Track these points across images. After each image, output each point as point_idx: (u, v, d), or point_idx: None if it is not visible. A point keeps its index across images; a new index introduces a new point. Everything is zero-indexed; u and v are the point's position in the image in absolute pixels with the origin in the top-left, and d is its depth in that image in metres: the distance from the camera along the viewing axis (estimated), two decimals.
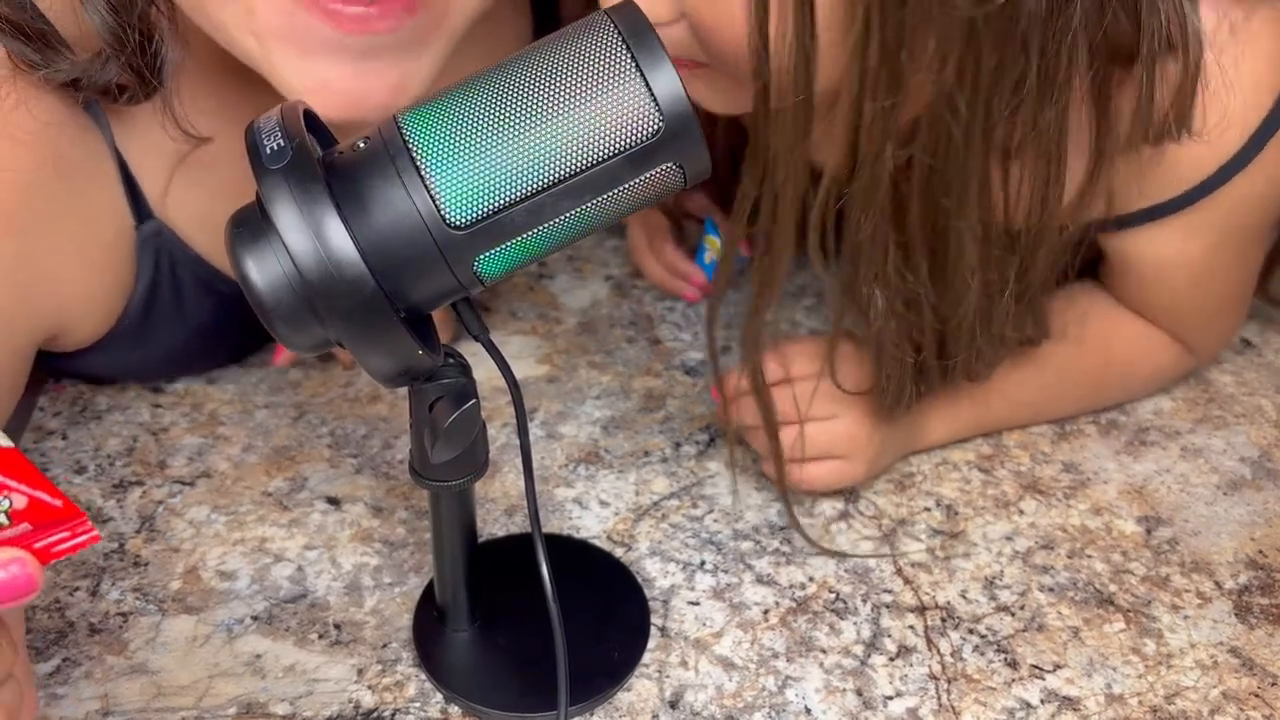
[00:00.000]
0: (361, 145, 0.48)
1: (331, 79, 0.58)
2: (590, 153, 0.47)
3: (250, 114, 0.70)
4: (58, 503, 0.42)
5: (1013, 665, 0.66)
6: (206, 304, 0.75)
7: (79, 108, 0.66)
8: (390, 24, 0.57)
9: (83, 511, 0.42)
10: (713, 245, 0.92)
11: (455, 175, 0.47)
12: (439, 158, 0.47)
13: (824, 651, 0.66)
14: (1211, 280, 0.76)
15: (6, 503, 0.41)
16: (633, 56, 0.46)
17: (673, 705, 0.63)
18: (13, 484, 0.41)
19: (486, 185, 0.47)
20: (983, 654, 0.66)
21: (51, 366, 0.79)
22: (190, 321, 0.75)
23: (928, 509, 0.75)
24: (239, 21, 0.59)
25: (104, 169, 0.68)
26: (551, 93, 0.47)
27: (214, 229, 0.72)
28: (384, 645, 0.66)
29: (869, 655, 0.66)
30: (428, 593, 0.68)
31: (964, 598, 0.70)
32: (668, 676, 0.65)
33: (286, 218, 0.46)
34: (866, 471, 0.74)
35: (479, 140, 0.47)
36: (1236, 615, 0.69)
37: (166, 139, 0.67)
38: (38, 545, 0.42)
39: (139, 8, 0.60)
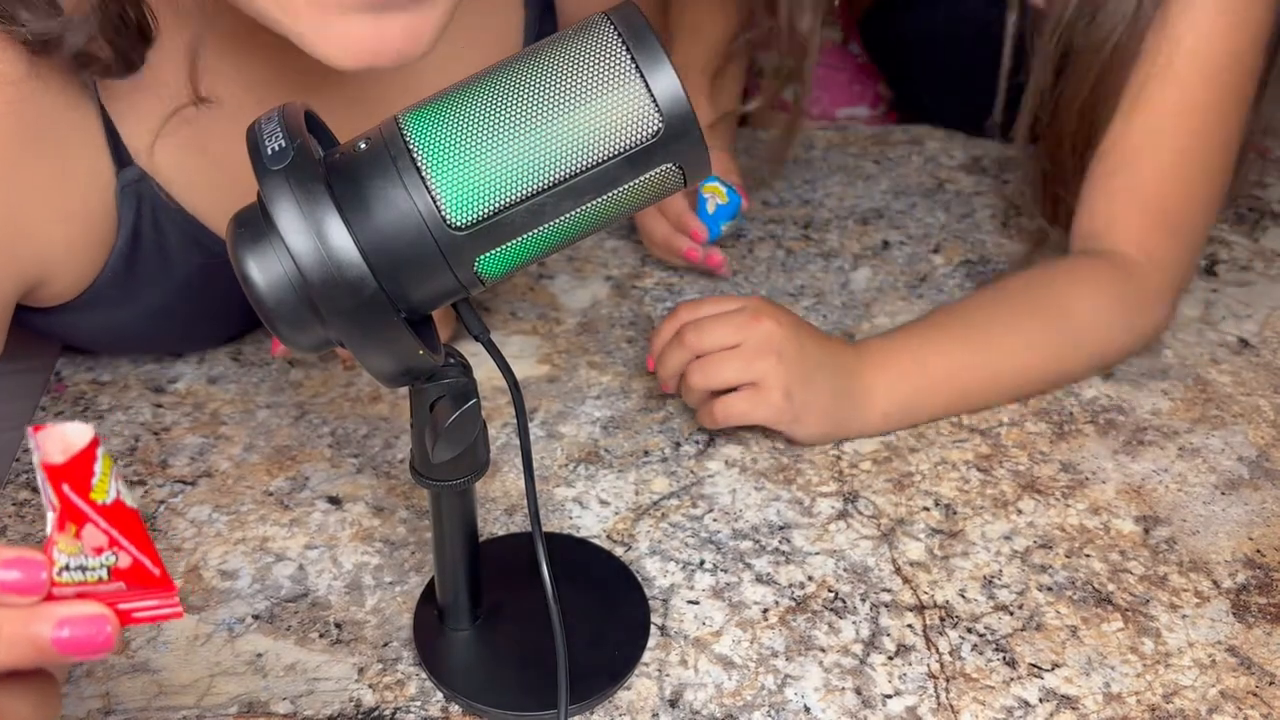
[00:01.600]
0: (362, 146, 0.49)
1: (350, 34, 0.58)
2: (590, 154, 0.47)
3: (264, 78, 0.70)
4: (156, 571, 0.43)
5: (1011, 664, 0.66)
6: (192, 258, 0.74)
7: None
8: None
9: (175, 585, 0.43)
10: (715, 191, 0.91)
11: (456, 176, 0.47)
12: (440, 158, 0.47)
13: (823, 650, 0.66)
14: (1218, 77, 0.80)
15: (113, 559, 0.42)
16: (632, 57, 0.47)
17: (672, 704, 0.63)
18: (124, 542, 0.42)
19: (487, 186, 0.47)
20: (981, 653, 0.67)
21: (43, 330, 0.78)
22: (176, 277, 0.75)
23: (926, 508, 0.76)
24: None
25: (85, 112, 0.68)
26: (551, 94, 0.47)
27: (199, 182, 0.72)
28: (384, 644, 0.66)
29: (868, 654, 0.66)
30: (428, 592, 0.68)
31: (963, 597, 0.70)
32: (667, 675, 0.65)
33: (288, 218, 0.46)
34: (784, 400, 0.75)
35: (479, 141, 0.47)
36: (1234, 614, 0.69)
37: (150, 91, 0.67)
38: (122, 606, 0.43)
39: None
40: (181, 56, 0.67)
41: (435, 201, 0.47)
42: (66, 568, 0.41)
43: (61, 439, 0.41)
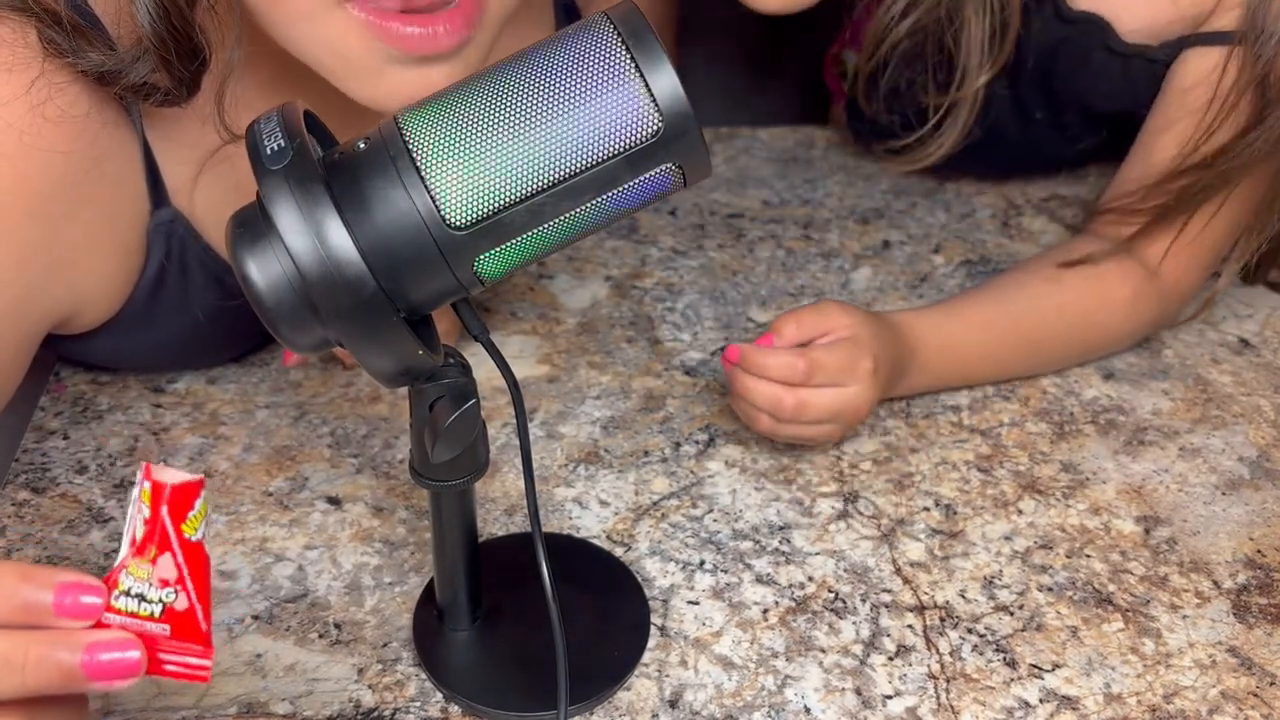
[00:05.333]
0: (362, 145, 0.48)
1: (400, 84, 0.62)
2: (590, 153, 0.47)
3: None
4: (204, 626, 0.44)
5: (1011, 665, 0.66)
6: (212, 295, 0.75)
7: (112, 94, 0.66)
8: (455, 41, 0.60)
9: (212, 649, 0.44)
10: None
11: (455, 176, 0.47)
12: (439, 158, 0.47)
13: (823, 651, 0.66)
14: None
15: (172, 596, 0.43)
16: (632, 57, 0.46)
17: (672, 705, 0.63)
18: (189, 585, 0.43)
19: (486, 186, 0.47)
20: (981, 653, 0.66)
21: (55, 351, 0.79)
22: (194, 311, 0.75)
23: (927, 509, 0.76)
24: (312, 39, 0.61)
25: (130, 154, 0.68)
26: (551, 93, 0.47)
27: None
28: (384, 645, 0.66)
29: (868, 655, 0.66)
30: (428, 592, 0.68)
31: (963, 597, 0.70)
32: (667, 676, 0.65)
33: (287, 218, 0.46)
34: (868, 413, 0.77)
35: (479, 141, 0.47)
36: (1235, 615, 0.69)
37: (193, 131, 0.67)
38: (156, 653, 0.43)
39: (188, 13, 0.61)
40: (242, 101, 0.67)
41: (434, 201, 0.47)
42: (127, 592, 0.42)
43: (166, 475, 0.42)
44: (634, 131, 0.47)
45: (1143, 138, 0.88)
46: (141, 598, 0.42)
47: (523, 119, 0.47)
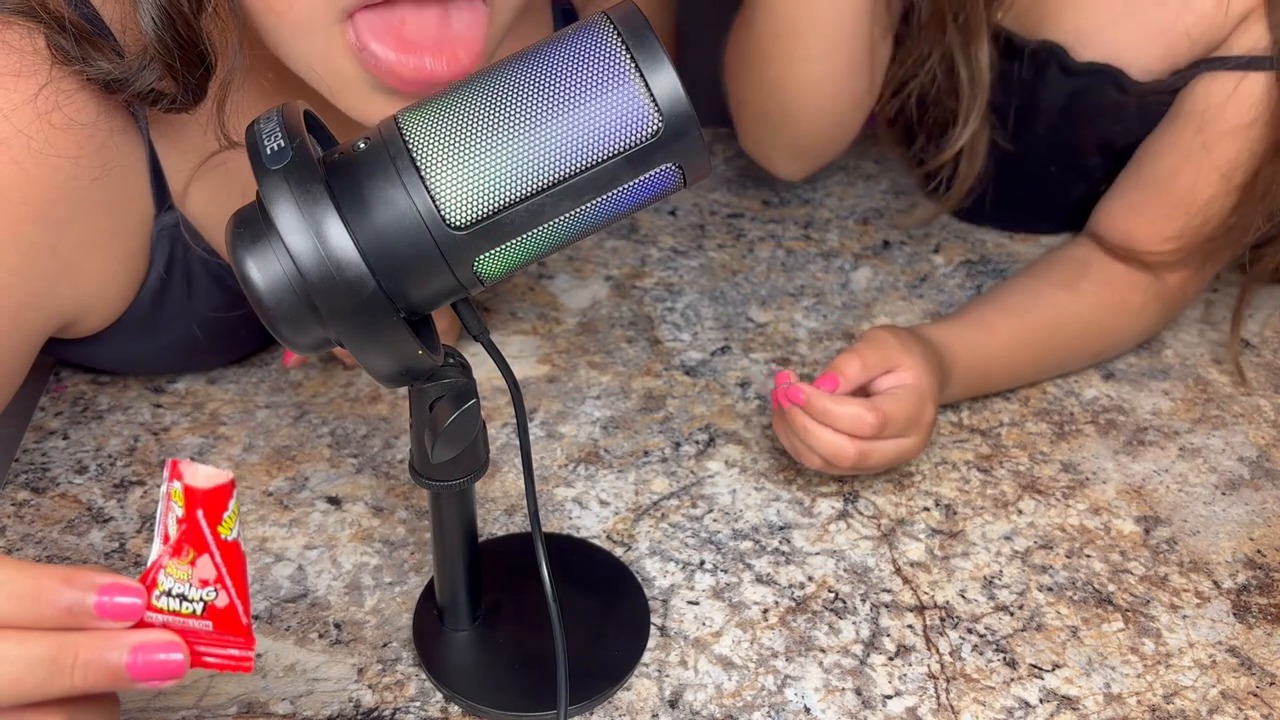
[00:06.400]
0: (362, 146, 0.48)
1: (393, 105, 0.61)
2: (590, 153, 0.47)
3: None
4: (245, 620, 0.44)
5: (1011, 665, 0.66)
6: (216, 298, 0.75)
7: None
8: (451, 77, 0.61)
9: (254, 640, 0.44)
10: None
11: (455, 176, 0.47)
12: (439, 158, 0.47)
13: (823, 651, 0.66)
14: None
15: (213, 595, 0.43)
16: (632, 57, 0.46)
17: (672, 704, 0.63)
18: (229, 583, 0.43)
19: (486, 186, 0.47)
20: (981, 653, 0.66)
21: (58, 355, 0.79)
22: (199, 314, 0.75)
23: (927, 509, 0.76)
24: (307, 54, 0.61)
25: (136, 159, 0.68)
26: (551, 93, 0.47)
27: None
28: (384, 645, 0.66)
29: (868, 655, 0.66)
30: (428, 592, 0.68)
31: (963, 597, 0.70)
32: (667, 676, 0.65)
33: (287, 218, 0.46)
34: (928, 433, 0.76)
35: (479, 140, 0.47)
36: (1235, 615, 0.69)
37: (197, 136, 0.68)
38: (197, 647, 0.44)
39: (194, 20, 0.61)
40: (241, 108, 0.67)
41: (434, 201, 0.47)
42: (168, 593, 0.43)
43: (197, 474, 0.43)
44: (634, 132, 0.47)
45: (1148, 160, 0.87)
46: (182, 597, 0.43)
47: (523, 119, 0.47)
